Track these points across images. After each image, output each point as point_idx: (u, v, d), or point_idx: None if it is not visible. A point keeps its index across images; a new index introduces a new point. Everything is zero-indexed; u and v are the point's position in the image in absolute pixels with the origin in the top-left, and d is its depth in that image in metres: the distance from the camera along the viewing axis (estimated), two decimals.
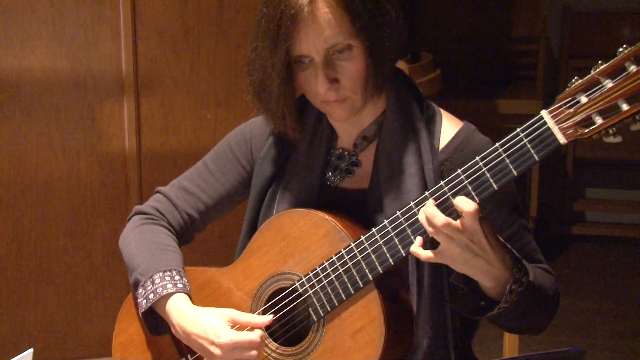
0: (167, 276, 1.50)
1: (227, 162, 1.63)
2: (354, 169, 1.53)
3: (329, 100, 1.41)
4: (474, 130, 1.49)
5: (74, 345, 2.82)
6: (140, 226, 1.62)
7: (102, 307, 2.81)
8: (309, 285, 1.42)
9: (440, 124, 1.49)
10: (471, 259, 1.28)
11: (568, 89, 1.24)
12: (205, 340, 1.43)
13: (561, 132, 1.23)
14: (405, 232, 1.35)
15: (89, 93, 2.69)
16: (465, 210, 1.25)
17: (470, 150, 1.44)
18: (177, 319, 1.47)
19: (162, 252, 1.55)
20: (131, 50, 2.68)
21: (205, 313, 1.45)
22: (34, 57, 2.63)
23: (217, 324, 1.43)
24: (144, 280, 1.51)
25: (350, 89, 1.40)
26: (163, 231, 1.61)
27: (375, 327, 1.36)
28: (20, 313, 2.76)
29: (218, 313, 1.45)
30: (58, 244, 2.75)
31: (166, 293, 1.48)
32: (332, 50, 1.38)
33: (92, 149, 2.72)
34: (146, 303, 1.49)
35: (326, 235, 1.42)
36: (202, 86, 2.76)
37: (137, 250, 1.57)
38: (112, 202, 2.76)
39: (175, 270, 1.52)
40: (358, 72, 1.39)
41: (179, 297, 1.49)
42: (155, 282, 1.50)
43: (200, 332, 1.43)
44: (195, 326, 1.44)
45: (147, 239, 1.58)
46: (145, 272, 1.52)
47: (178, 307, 1.47)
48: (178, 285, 1.49)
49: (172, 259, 1.55)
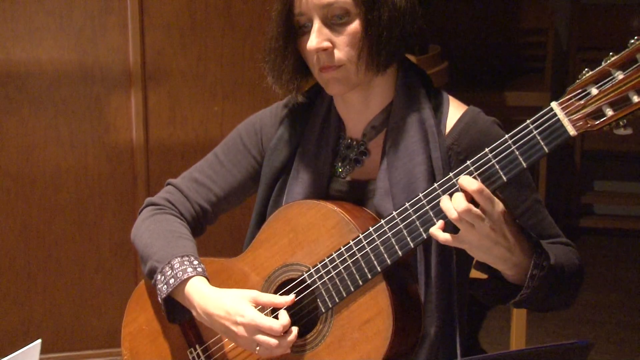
0: (186, 261, 1.50)
1: (238, 152, 1.63)
2: (362, 158, 1.53)
3: (323, 65, 1.43)
4: (478, 112, 1.49)
5: (82, 336, 2.83)
6: (153, 216, 1.62)
7: (109, 298, 2.82)
8: (318, 277, 1.42)
9: (447, 110, 1.49)
10: (491, 247, 1.28)
11: (578, 80, 1.23)
12: (228, 320, 1.43)
13: (571, 123, 1.23)
14: (414, 224, 1.34)
15: (97, 85, 2.69)
16: (469, 189, 1.25)
17: (475, 132, 1.45)
18: (198, 301, 1.46)
19: (178, 239, 1.56)
20: (138, 42, 2.68)
21: (227, 294, 1.45)
22: (42, 49, 2.63)
23: (240, 304, 1.43)
24: (161, 266, 1.51)
25: (344, 55, 1.41)
26: (176, 220, 1.61)
27: (383, 318, 1.36)
28: (29, 304, 2.77)
29: (240, 294, 1.45)
30: (66, 236, 2.76)
31: (187, 277, 1.48)
32: (330, 14, 1.40)
33: (100, 141, 2.73)
34: (167, 288, 1.49)
35: (335, 226, 1.42)
36: (209, 78, 2.76)
37: (151, 239, 1.57)
38: (120, 194, 2.77)
39: (192, 256, 1.52)
40: (353, 40, 1.40)
41: (198, 279, 1.48)
42: (175, 267, 1.50)
43: (223, 313, 1.43)
44: (218, 307, 1.44)
45: (160, 228, 1.58)
46: (163, 259, 1.52)
47: (199, 289, 1.47)
48: (198, 269, 1.50)
49: (188, 245, 1.55)
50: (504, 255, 1.29)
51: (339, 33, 1.41)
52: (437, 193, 1.32)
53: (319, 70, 1.44)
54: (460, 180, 1.27)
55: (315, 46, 1.41)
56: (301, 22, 1.43)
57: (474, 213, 1.25)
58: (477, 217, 1.25)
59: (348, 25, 1.40)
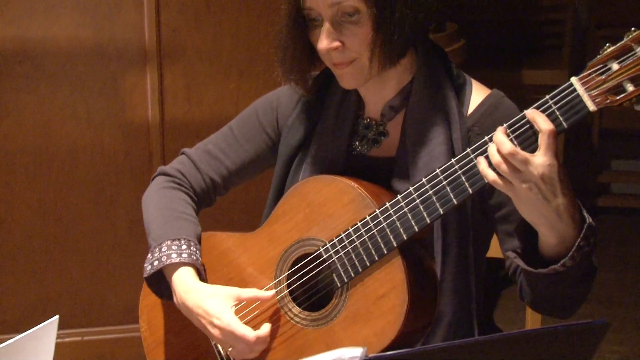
0: (175, 245, 1.52)
1: (252, 128, 1.64)
2: (381, 138, 1.52)
3: (335, 62, 1.42)
4: (502, 96, 1.47)
5: (99, 312, 2.86)
6: (162, 189, 1.64)
7: (126, 275, 2.84)
8: (333, 251, 1.42)
9: (470, 92, 1.48)
10: (539, 202, 1.22)
11: (599, 55, 1.22)
12: (205, 319, 1.45)
13: (591, 99, 1.22)
14: (430, 199, 1.34)
15: (112, 63, 2.69)
16: (543, 128, 1.21)
17: (498, 116, 1.43)
18: (180, 292, 1.49)
19: (177, 220, 1.57)
20: (154, 19, 2.67)
21: (208, 292, 1.47)
22: (58, 26, 2.64)
23: (220, 305, 1.45)
24: (153, 246, 1.54)
25: (356, 53, 1.40)
26: (182, 197, 1.63)
27: (398, 293, 1.36)
28: (46, 280, 2.79)
29: (223, 292, 1.47)
30: (83, 213, 2.78)
31: (169, 263, 1.50)
32: (339, 12, 1.38)
33: (116, 119, 2.73)
34: (150, 269, 1.52)
35: (351, 202, 1.41)
36: (224, 56, 2.75)
37: (153, 215, 1.60)
38: (136, 171, 2.78)
39: (184, 239, 1.53)
40: (363, 39, 1.38)
41: (184, 270, 1.50)
42: (162, 250, 1.52)
43: (201, 311, 1.46)
44: (197, 304, 1.46)
45: (164, 205, 1.60)
46: (157, 239, 1.55)
47: (183, 280, 1.49)
48: (183, 255, 1.51)
49: (185, 227, 1.56)
50: (551, 217, 1.23)
51: (350, 31, 1.39)
52: (455, 169, 1.31)
53: (331, 64, 1.44)
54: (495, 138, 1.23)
55: (325, 46, 1.39)
56: (311, 15, 1.41)
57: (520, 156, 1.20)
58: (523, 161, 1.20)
59: (358, 23, 1.38)
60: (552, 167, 1.21)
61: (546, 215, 1.24)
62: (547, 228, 1.26)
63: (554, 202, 1.23)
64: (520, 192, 1.23)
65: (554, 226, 1.25)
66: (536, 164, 1.21)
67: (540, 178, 1.21)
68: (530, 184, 1.22)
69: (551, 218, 1.24)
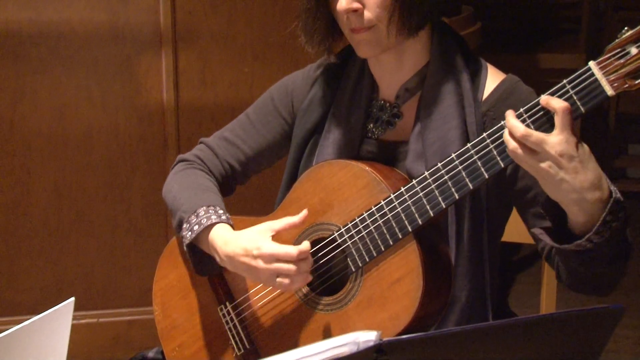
0: (211, 209, 1.52)
1: (269, 113, 1.64)
2: (395, 120, 1.52)
3: (353, 27, 1.41)
4: (517, 81, 1.46)
5: (114, 295, 2.88)
6: (182, 171, 1.65)
7: (140, 258, 2.85)
8: (348, 236, 1.42)
9: (485, 77, 1.47)
10: (562, 181, 1.21)
11: (617, 39, 1.21)
12: (247, 256, 1.43)
13: (609, 83, 1.21)
14: (445, 184, 1.33)
15: (127, 46, 2.69)
16: (557, 107, 1.20)
17: (513, 101, 1.42)
18: (220, 246, 1.48)
19: (205, 192, 1.58)
20: (169, 2, 2.67)
21: (244, 233, 1.47)
22: (73, 9, 2.64)
23: (256, 238, 1.43)
24: (187, 215, 1.53)
25: (375, 17, 1.39)
26: (204, 175, 1.63)
27: (412, 278, 1.36)
28: (62, 263, 2.81)
29: (256, 229, 1.46)
30: (98, 196, 2.79)
31: (210, 223, 1.49)
32: None
33: (131, 102, 2.74)
34: (191, 235, 1.51)
35: (366, 186, 1.41)
36: (239, 39, 2.75)
37: (180, 192, 1.59)
38: (150, 155, 2.78)
39: (218, 206, 1.54)
40: (384, 1, 1.38)
41: (221, 226, 1.50)
42: (200, 214, 1.51)
43: (241, 250, 1.44)
44: (237, 246, 1.45)
45: (189, 182, 1.61)
46: (189, 209, 1.54)
47: (221, 235, 1.49)
48: (222, 217, 1.51)
49: (214, 198, 1.57)
50: (576, 194, 1.21)
51: None
52: (470, 154, 1.31)
53: (349, 31, 1.43)
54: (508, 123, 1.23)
55: (344, 7, 1.39)
56: None
57: (534, 138, 1.20)
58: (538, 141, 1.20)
59: None
60: (570, 144, 1.20)
61: (571, 193, 1.22)
62: (574, 206, 1.24)
63: (577, 178, 1.21)
64: (542, 172, 1.22)
65: (580, 203, 1.23)
66: (552, 142, 1.20)
67: (559, 156, 1.20)
68: (549, 162, 1.21)
69: (576, 195, 1.22)
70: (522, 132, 1.21)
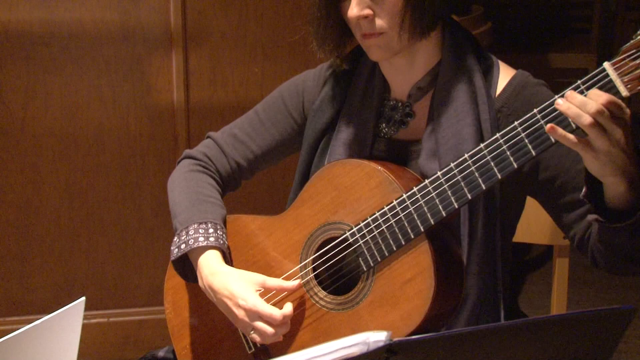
0: (202, 229, 1.53)
1: (278, 112, 1.64)
2: (408, 120, 1.51)
3: (364, 32, 1.41)
4: (527, 75, 1.47)
5: (124, 294, 2.88)
6: (188, 172, 1.64)
7: (151, 257, 2.86)
8: (360, 235, 1.41)
9: (497, 73, 1.47)
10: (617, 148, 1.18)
11: (633, 40, 1.20)
12: (231, 301, 1.45)
13: (624, 84, 1.20)
14: (458, 184, 1.33)
15: (138, 45, 2.70)
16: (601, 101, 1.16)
17: (526, 95, 1.42)
18: (206, 275, 1.49)
19: (202, 203, 1.58)
20: (179, 2, 2.67)
21: (234, 275, 1.48)
22: (84, 9, 2.64)
23: (245, 288, 1.45)
24: (180, 229, 1.55)
25: (386, 23, 1.39)
26: (208, 181, 1.63)
27: (424, 278, 1.36)
28: (73, 262, 2.82)
29: (248, 277, 1.47)
30: (108, 195, 2.79)
31: (197, 246, 1.51)
32: None
33: (141, 102, 2.74)
34: (177, 252, 1.53)
35: (378, 185, 1.41)
36: (249, 39, 2.75)
37: (180, 198, 1.60)
38: (161, 154, 2.79)
39: (211, 223, 1.54)
40: (394, 7, 1.38)
41: (210, 253, 1.51)
42: (189, 233, 1.53)
43: (227, 292, 1.46)
44: (223, 286, 1.47)
45: (190, 188, 1.61)
46: (183, 222, 1.55)
47: (209, 263, 1.50)
48: (210, 239, 1.51)
49: (211, 210, 1.57)
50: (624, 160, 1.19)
51: (380, 0, 1.38)
52: (483, 154, 1.30)
53: (361, 36, 1.43)
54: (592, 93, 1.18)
55: (355, 14, 1.39)
56: None
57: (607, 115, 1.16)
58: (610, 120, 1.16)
59: None
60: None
61: (619, 161, 1.20)
62: (618, 175, 1.21)
63: (628, 145, 1.19)
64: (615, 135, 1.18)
65: (625, 170, 1.21)
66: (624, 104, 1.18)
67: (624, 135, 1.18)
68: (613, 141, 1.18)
69: (623, 162, 1.20)
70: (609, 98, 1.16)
